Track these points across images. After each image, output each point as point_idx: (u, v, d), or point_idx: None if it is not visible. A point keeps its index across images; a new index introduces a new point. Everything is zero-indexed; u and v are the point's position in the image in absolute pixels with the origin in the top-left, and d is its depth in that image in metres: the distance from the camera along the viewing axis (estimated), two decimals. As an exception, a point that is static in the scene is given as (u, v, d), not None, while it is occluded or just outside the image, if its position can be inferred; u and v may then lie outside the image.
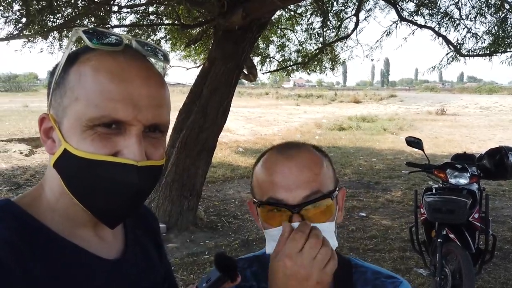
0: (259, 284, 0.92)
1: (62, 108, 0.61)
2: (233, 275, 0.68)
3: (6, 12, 4.35)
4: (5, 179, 6.76)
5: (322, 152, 0.87)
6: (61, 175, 0.62)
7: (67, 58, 0.62)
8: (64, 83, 0.61)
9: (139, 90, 0.60)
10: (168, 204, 4.73)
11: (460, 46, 5.59)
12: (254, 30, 4.80)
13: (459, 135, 14.51)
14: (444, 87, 76.42)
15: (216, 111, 4.77)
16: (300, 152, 0.83)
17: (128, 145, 0.60)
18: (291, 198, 0.77)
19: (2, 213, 0.60)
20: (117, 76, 0.59)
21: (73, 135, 0.60)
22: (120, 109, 0.59)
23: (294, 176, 0.78)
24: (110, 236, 0.72)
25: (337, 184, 0.85)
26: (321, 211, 0.78)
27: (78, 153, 0.59)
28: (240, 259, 0.97)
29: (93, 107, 0.58)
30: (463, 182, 3.19)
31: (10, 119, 14.67)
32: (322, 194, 0.78)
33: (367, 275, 0.91)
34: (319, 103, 33.80)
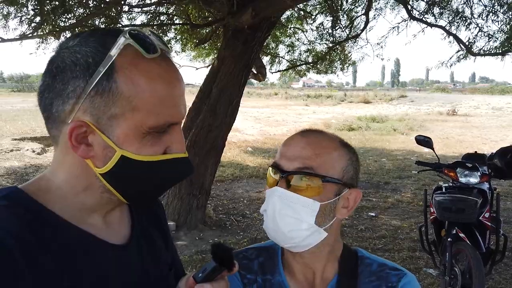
0: (265, 276, 0.94)
1: (109, 116, 0.61)
2: (230, 265, 0.68)
3: (19, 12, 4.42)
4: (17, 176, 6.87)
5: (346, 147, 0.90)
6: (114, 179, 0.64)
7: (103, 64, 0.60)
8: (111, 91, 0.60)
9: (178, 92, 0.66)
10: (177, 202, 4.76)
11: (471, 45, 5.53)
12: (263, 30, 4.80)
13: (470, 136, 14.34)
14: (456, 88, 75.53)
15: (225, 110, 4.78)
16: (317, 135, 0.90)
17: (175, 140, 0.67)
18: (286, 166, 0.85)
19: (10, 200, 0.60)
20: (167, 83, 0.64)
21: (130, 142, 0.62)
22: (175, 114, 0.65)
23: (296, 149, 0.86)
24: (117, 222, 0.73)
25: (349, 181, 0.87)
26: (306, 187, 0.83)
27: (140, 158, 0.63)
28: (248, 248, 1.01)
29: (155, 115, 0.62)
30: (474, 181, 3.16)
31: (23, 119, 14.90)
32: (312, 172, 0.83)
33: (373, 267, 0.93)
34: (328, 104, 33.67)
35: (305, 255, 0.89)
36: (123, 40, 0.60)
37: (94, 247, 0.66)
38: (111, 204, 0.69)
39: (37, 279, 0.56)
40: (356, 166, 0.90)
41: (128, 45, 0.61)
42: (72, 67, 0.61)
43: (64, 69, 0.61)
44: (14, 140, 9.98)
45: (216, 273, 0.67)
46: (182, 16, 6.25)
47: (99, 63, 0.60)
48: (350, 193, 0.88)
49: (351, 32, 6.57)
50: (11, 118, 15.06)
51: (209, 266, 0.67)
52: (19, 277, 0.54)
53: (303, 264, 0.92)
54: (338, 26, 6.42)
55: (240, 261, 0.96)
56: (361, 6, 6.26)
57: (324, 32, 6.87)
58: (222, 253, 0.67)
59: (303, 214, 0.83)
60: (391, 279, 0.91)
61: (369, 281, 0.91)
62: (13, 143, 9.51)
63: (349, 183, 0.87)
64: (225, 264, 0.67)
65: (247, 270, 0.96)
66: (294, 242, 0.85)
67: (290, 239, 0.85)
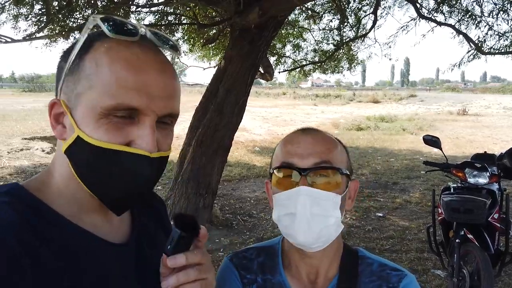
0: (265, 275, 0.94)
1: (75, 95, 0.62)
2: (194, 230, 0.65)
3: (28, 12, 4.47)
4: (27, 175, 6.95)
5: (341, 142, 0.93)
6: (72, 161, 0.63)
7: (82, 45, 0.63)
8: (78, 70, 0.62)
9: (153, 80, 0.61)
10: (184, 201, 4.77)
11: (481, 43, 5.45)
12: (270, 29, 4.79)
13: (481, 136, 14.16)
14: (466, 87, 74.70)
15: (232, 109, 4.78)
16: (317, 132, 0.92)
17: (142, 135, 0.61)
18: (302, 164, 0.84)
19: (11, 197, 0.60)
20: (133, 66, 0.60)
21: (87, 123, 0.60)
22: (135, 97, 0.59)
23: (307, 146, 0.86)
24: (117, 221, 0.72)
25: (350, 172, 0.90)
26: (328, 182, 0.84)
27: (92, 141, 0.60)
28: (248, 248, 1.01)
29: (109, 95, 0.59)
30: (483, 181, 3.11)
31: (33, 118, 15.09)
32: (331, 166, 0.84)
33: (373, 267, 0.93)
34: (337, 103, 33.53)
35: (314, 255, 0.89)
36: (91, 20, 0.62)
37: (94, 245, 0.65)
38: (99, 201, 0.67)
39: (38, 277, 0.56)
40: (350, 159, 0.94)
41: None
42: (64, 54, 0.66)
43: (61, 57, 0.67)
44: (24, 139, 10.10)
45: (186, 242, 0.64)
46: (189, 16, 6.27)
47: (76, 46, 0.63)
48: (352, 184, 0.91)
49: (358, 31, 6.53)
50: (21, 118, 15.26)
51: (174, 235, 0.63)
52: (20, 275, 0.54)
53: (310, 264, 0.91)
54: (345, 25, 6.38)
55: (240, 261, 0.97)
56: (369, 5, 6.22)
57: (331, 32, 6.83)
58: (184, 220, 0.64)
59: (330, 209, 0.83)
60: (392, 280, 0.90)
61: (370, 281, 0.90)
62: (23, 143, 9.63)
63: (351, 174, 0.91)
64: (189, 230, 0.64)
65: (246, 270, 0.95)
66: (323, 240, 0.85)
67: (320, 238, 0.84)
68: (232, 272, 0.96)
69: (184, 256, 0.63)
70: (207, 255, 0.68)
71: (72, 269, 0.60)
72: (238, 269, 0.96)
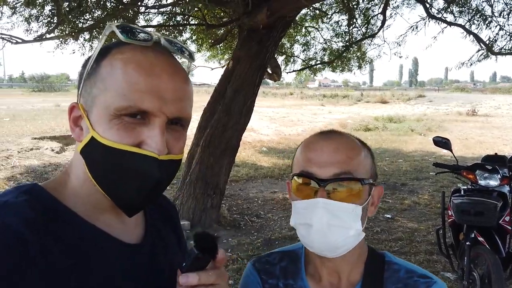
0: (286, 280, 0.92)
1: (92, 98, 0.64)
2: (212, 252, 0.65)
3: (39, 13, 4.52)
4: (37, 175, 7.02)
5: (365, 145, 0.89)
6: (86, 161, 0.65)
7: (100, 51, 0.65)
8: (95, 74, 0.64)
9: (165, 83, 0.62)
10: (192, 201, 4.79)
11: (492, 44, 5.40)
12: (278, 29, 4.79)
13: (491, 137, 14.01)
14: (476, 87, 73.98)
15: (240, 110, 4.79)
16: (340, 136, 0.87)
17: (152, 135, 0.62)
18: (321, 174, 0.81)
19: (29, 196, 0.62)
20: (145, 69, 0.62)
21: (100, 124, 0.63)
22: (147, 100, 0.61)
23: (327, 155, 0.82)
24: (131, 222, 0.73)
25: (374, 179, 0.87)
26: (348, 193, 0.81)
27: (104, 141, 0.62)
28: (272, 252, 0.99)
29: (121, 97, 0.61)
30: (493, 183, 3.08)
31: (43, 118, 15.25)
32: (352, 177, 0.81)
33: (400, 273, 0.88)
34: (344, 103, 33.41)
35: (336, 260, 0.86)
36: (107, 27, 0.64)
37: (107, 245, 0.67)
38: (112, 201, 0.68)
39: (48, 273, 0.57)
40: (375, 163, 0.90)
41: None
42: (84, 62, 0.68)
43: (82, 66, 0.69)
44: (34, 139, 10.20)
45: (202, 262, 0.64)
46: (198, 17, 6.29)
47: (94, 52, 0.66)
48: (375, 190, 0.88)
49: (367, 31, 6.50)
50: (31, 118, 15.42)
51: (190, 254, 0.64)
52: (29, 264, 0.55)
53: (331, 268, 0.88)
54: (354, 25, 6.35)
55: (263, 266, 0.96)
56: (378, 5, 6.19)
57: (340, 31, 6.81)
58: (204, 241, 0.64)
59: (349, 221, 0.80)
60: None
61: None
62: (33, 142, 9.73)
63: (375, 180, 0.88)
64: (206, 252, 0.64)
65: (268, 275, 0.94)
66: (342, 250, 0.83)
67: (339, 248, 0.82)
68: (254, 277, 0.95)
69: (197, 276, 0.63)
70: (224, 276, 0.67)
71: (83, 265, 0.62)
72: (260, 274, 0.95)
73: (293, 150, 9.07)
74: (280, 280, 0.92)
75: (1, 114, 16.64)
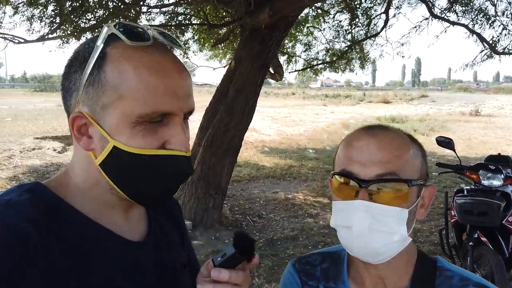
0: (327, 283, 0.89)
1: (101, 106, 0.62)
2: (249, 255, 0.65)
3: (41, 13, 4.53)
4: (39, 175, 7.03)
5: (415, 141, 0.82)
6: (109, 172, 0.64)
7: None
8: (100, 81, 0.62)
9: (177, 82, 0.64)
10: (194, 201, 4.79)
11: (495, 43, 5.37)
12: (281, 29, 4.78)
13: (494, 137, 13.97)
14: (479, 87, 73.71)
15: (242, 110, 4.78)
16: (386, 132, 0.79)
17: (175, 134, 0.64)
18: (363, 174, 0.74)
19: (32, 194, 0.62)
20: (158, 71, 0.62)
21: (121, 132, 0.62)
22: (167, 102, 0.62)
23: (371, 153, 0.75)
24: (135, 219, 0.74)
25: (424, 178, 0.80)
26: (393, 195, 0.74)
27: (131, 150, 0.62)
28: (313, 253, 0.96)
29: (143, 104, 0.60)
30: (497, 184, 3.07)
31: (45, 118, 15.28)
32: (398, 178, 0.74)
33: (453, 281, 0.82)
34: (346, 103, 33.36)
35: (380, 266, 0.80)
36: (106, 30, 0.62)
37: (110, 243, 0.67)
38: (126, 201, 0.68)
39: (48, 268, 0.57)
40: (426, 160, 0.82)
41: (117, 36, 0.62)
42: (73, 63, 0.65)
43: (69, 67, 0.66)
44: (36, 139, 10.23)
45: (236, 261, 0.65)
46: (200, 16, 6.29)
47: (91, 57, 0.62)
48: (426, 190, 0.81)
49: (369, 30, 6.49)
50: (33, 118, 15.45)
51: (228, 252, 0.64)
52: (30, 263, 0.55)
53: (376, 274, 0.83)
54: (356, 24, 6.34)
55: (303, 267, 0.93)
56: (380, 4, 6.17)
57: (342, 31, 6.79)
58: (244, 242, 0.65)
59: (393, 225, 0.74)
60: None
61: None
62: (35, 142, 9.75)
63: (425, 180, 0.80)
64: (244, 253, 0.64)
65: (308, 276, 0.91)
66: (385, 256, 0.77)
67: (381, 255, 0.76)
68: (293, 278, 0.92)
69: (229, 273, 0.64)
70: (248, 279, 0.69)
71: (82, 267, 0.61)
72: (300, 275, 0.92)
73: (295, 150, 9.06)
74: (321, 282, 0.89)
75: (3, 114, 16.69)
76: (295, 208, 5.87)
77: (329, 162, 9.15)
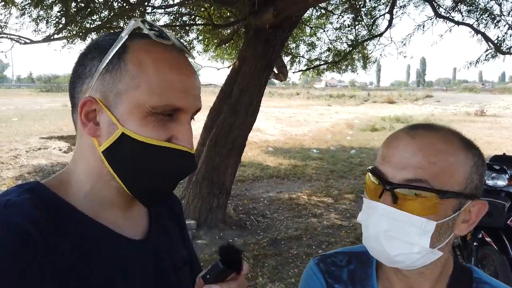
0: (354, 287, 0.83)
1: (116, 94, 0.63)
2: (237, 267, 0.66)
3: (47, 14, 4.56)
4: (45, 174, 7.08)
5: (469, 149, 0.72)
6: (112, 158, 0.65)
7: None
8: (119, 69, 0.63)
9: (191, 82, 0.66)
10: (198, 201, 4.80)
11: (500, 43, 5.35)
12: (285, 29, 4.78)
13: (499, 137, 13.88)
14: (484, 87, 73.21)
15: (245, 110, 4.79)
16: (428, 134, 0.72)
17: (182, 131, 0.65)
18: (392, 176, 0.70)
19: (32, 194, 0.62)
20: (176, 68, 0.64)
21: (132, 120, 0.63)
22: (181, 98, 0.64)
23: (405, 155, 0.70)
24: (135, 217, 0.74)
25: (472, 191, 0.71)
26: (418, 204, 0.68)
27: (139, 138, 0.62)
28: (338, 252, 0.90)
29: (157, 95, 0.62)
30: (501, 184, 3.06)
31: (51, 118, 15.38)
32: (426, 186, 0.67)
33: None
34: (351, 104, 33.29)
35: (410, 275, 0.76)
36: (133, 23, 0.65)
37: (111, 241, 0.67)
38: (125, 197, 0.68)
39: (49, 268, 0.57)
40: (481, 171, 0.72)
41: (141, 33, 0.64)
42: (92, 51, 0.66)
43: (86, 54, 0.67)
44: (42, 138, 10.30)
45: (224, 275, 0.66)
46: (204, 17, 6.31)
47: (114, 46, 0.64)
48: (473, 205, 0.71)
49: (373, 30, 6.48)
50: (39, 118, 15.55)
51: (216, 267, 0.65)
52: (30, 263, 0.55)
53: (407, 283, 0.77)
54: (360, 24, 6.33)
55: (328, 268, 0.87)
56: (384, 4, 6.16)
57: (346, 31, 6.79)
58: (229, 256, 0.65)
59: (414, 236, 0.68)
60: None
61: None
62: (41, 142, 9.82)
63: (473, 194, 0.70)
64: (231, 266, 0.65)
65: (335, 279, 0.85)
66: (402, 265, 0.72)
67: (397, 262, 0.72)
68: (318, 279, 0.86)
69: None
70: (244, 285, 0.69)
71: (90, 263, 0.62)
72: (325, 276, 0.86)
73: (299, 150, 9.06)
74: (348, 286, 0.83)
75: (10, 114, 16.81)
76: (299, 208, 5.87)
77: (333, 162, 9.14)
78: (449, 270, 0.78)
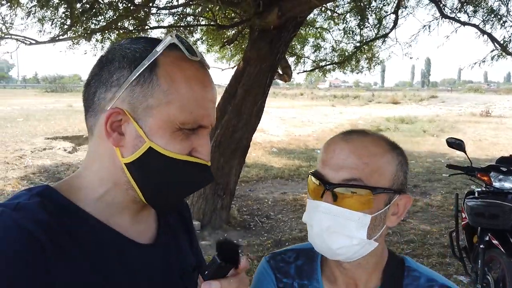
0: (301, 281, 0.90)
1: (145, 107, 0.64)
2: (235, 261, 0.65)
3: (52, 15, 4.58)
4: (49, 174, 7.11)
5: (395, 150, 0.83)
6: (135, 169, 0.65)
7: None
8: (151, 84, 0.63)
9: (212, 97, 0.69)
10: (202, 202, 4.80)
11: (506, 44, 5.30)
12: (289, 30, 4.77)
13: (505, 138, 13.79)
14: (490, 88, 72.79)
15: (250, 111, 4.78)
16: (361, 138, 0.82)
17: (202, 144, 0.68)
18: (331, 177, 0.78)
19: (42, 197, 0.62)
20: (204, 86, 0.67)
21: (160, 135, 0.64)
22: (206, 117, 0.67)
23: (341, 158, 0.79)
24: (144, 222, 0.74)
25: (399, 187, 0.81)
26: (356, 200, 0.77)
27: (166, 153, 0.64)
28: (288, 250, 0.97)
29: (187, 112, 0.64)
30: (508, 186, 3.02)
31: (56, 118, 15.44)
32: (361, 184, 0.76)
33: (420, 281, 0.85)
34: (355, 104, 33.19)
35: (349, 266, 0.84)
36: (169, 39, 0.65)
37: (120, 245, 0.67)
38: (138, 204, 0.69)
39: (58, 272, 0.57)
40: (405, 169, 0.83)
41: (173, 46, 0.65)
42: (120, 59, 0.65)
43: (113, 61, 0.66)
44: (47, 139, 10.34)
45: (223, 271, 0.65)
46: (208, 17, 6.31)
47: (144, 57, 0.64)
48: (400, 199, 0.82)
49: (379, 31, 6.45)
50: (44, 118, 15.63)
51: (213, 262, 0.64)
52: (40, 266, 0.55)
53: (347, 274, 0.86)
54: (365, 25, 6.30)
55: (277, 264, 0.94)
56: (390, 5, 6.13)
57: (351, 32, 6.76)
58: (227, 251, 0.65)
59: (353, 230, 0.77)
60: None
61: None
62: (46, 142, 9.86)
63: (399, 189, 0.81)
64: (229, 261, 0.64)
65: (283, 274, 0.92)
66: (343, 257, 0.81)
67: (339, 255, 0.80)
68: (268, 275, 0.93)
69: (219, 284, 0.64)
70: (245, 282, 0.68)
71: (100, 267, 0.62)
72: (275, 272, 0.93)
73: (304, 151, 9.06)
74: (295, 279, 0.90)
75: (15, 114, 16.91)
76: (304, 209, 5.78)
77: (338, 163, 9.09)
78: (383, 260, 0.87)
